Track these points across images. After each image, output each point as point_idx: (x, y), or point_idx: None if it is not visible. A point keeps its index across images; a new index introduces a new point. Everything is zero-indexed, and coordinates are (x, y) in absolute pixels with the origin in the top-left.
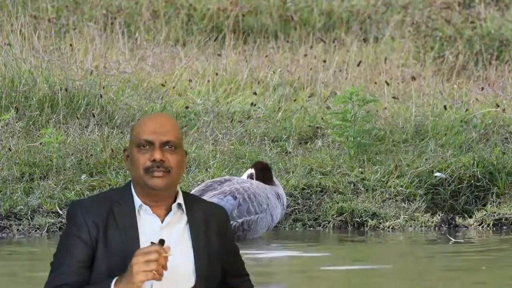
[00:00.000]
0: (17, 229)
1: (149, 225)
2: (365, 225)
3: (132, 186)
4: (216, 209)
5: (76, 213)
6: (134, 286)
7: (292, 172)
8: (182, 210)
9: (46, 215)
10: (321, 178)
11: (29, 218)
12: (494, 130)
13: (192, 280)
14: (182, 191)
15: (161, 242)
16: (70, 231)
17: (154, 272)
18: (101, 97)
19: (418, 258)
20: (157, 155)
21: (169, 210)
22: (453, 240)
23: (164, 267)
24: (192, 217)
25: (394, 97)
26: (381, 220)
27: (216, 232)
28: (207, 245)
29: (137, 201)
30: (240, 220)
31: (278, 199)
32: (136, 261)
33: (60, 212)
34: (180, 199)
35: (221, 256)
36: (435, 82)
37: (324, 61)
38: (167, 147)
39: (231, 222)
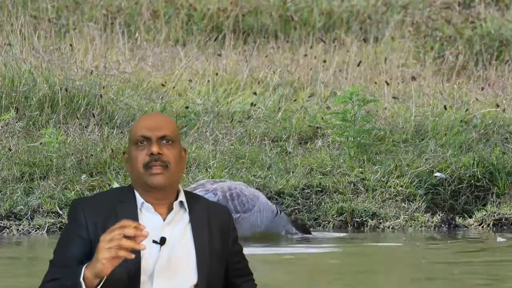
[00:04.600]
0: (17, 229)
1: (151, 223)
2: (365, 225)
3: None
4: (218, 208)
5: (77, 210)
6: (99, 264)
7: (292, 172)
8: (185, 208)
9: (46, 215)
10: (321, 178)
11: (29, 218)
12: (494, 130)
13: (194, 279)
14: (184, 190)
15: (163, 240)
16: (69, 228)
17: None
18: (101, 97)
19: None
20: (154, 148)
21: (171, 208)
22: (501, 239)
23: (137, 241)
24: (195, 215)
25: (394, 97)
26: (381, 220)
27: (218, 231)
28: (209, 244)
29: (139, 199)
30: None
31: (272, 213)
32: (102, 239)
33: (60, 212)
34: (182, 198)
35: (225, 255)
36: (435, 82)
37: (324, 61)
38: (164, 141)
39: None
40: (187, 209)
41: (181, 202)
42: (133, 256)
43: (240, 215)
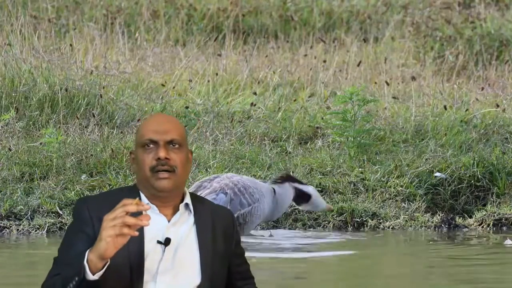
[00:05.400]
0: (17, 229)
1: (156, 223)
2: (365, 225)
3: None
4: (222, 212)
5: (82, 208)
6: (103, 242)
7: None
8: (190, 210)
9: (46, 215)
10: (321, 178)
11: (29, 218)
12: (494, 130)
13: (197, 279)
14: (190, 193)
15: (167, 241)
16: (74, 225)
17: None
18: (101, 97)
19: None
20: (162, 153)
21: (176, 210)
22: (510, 241)
23: (140, 219)
24: (199, 218)
25: (394, 97)
26: (381, 220)
27: (222, 233)
28: (213, 246)
29: (144, 200)
30: (235, 215)
31: (271, 194)
32: (105, 218)
33: (60, 212)
34: (188, 200)
35: (228, 258)
36: (435, 82)
37: (324, 61)
38: (171, 145)
39: None
40: (192, 211)
41: (186, 204)
42: (136, 233)
43: (252, 206)
